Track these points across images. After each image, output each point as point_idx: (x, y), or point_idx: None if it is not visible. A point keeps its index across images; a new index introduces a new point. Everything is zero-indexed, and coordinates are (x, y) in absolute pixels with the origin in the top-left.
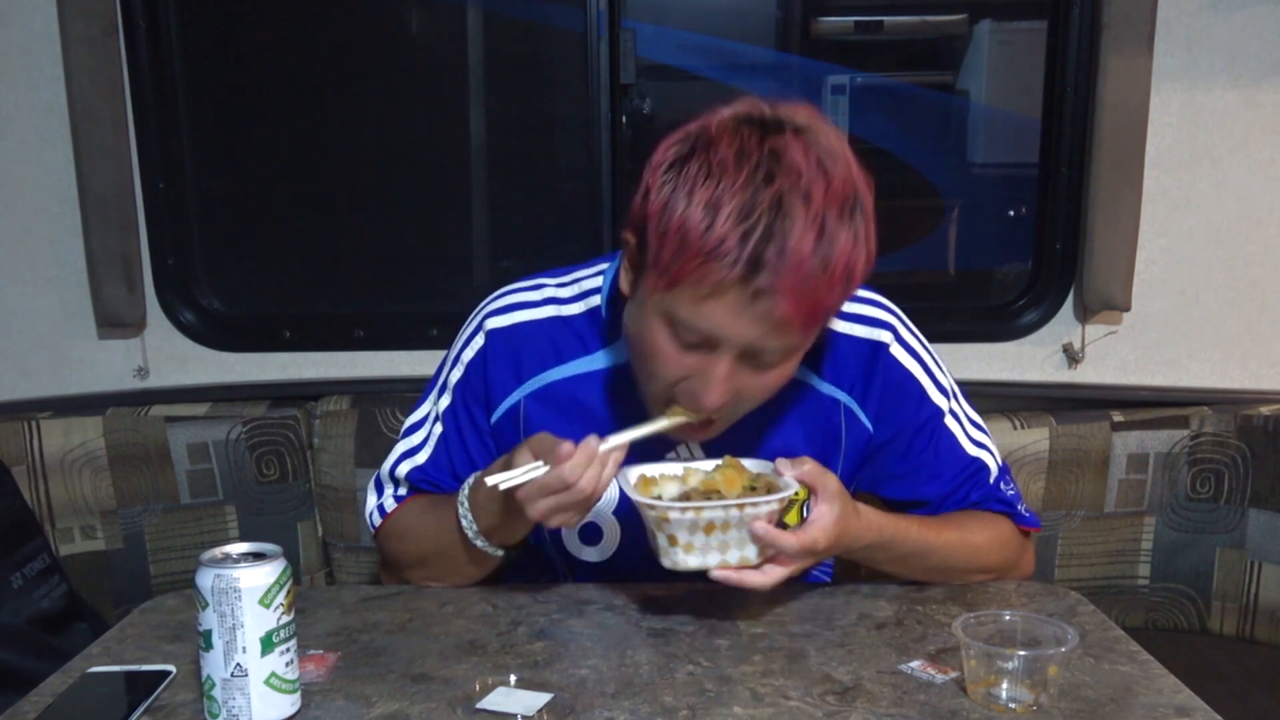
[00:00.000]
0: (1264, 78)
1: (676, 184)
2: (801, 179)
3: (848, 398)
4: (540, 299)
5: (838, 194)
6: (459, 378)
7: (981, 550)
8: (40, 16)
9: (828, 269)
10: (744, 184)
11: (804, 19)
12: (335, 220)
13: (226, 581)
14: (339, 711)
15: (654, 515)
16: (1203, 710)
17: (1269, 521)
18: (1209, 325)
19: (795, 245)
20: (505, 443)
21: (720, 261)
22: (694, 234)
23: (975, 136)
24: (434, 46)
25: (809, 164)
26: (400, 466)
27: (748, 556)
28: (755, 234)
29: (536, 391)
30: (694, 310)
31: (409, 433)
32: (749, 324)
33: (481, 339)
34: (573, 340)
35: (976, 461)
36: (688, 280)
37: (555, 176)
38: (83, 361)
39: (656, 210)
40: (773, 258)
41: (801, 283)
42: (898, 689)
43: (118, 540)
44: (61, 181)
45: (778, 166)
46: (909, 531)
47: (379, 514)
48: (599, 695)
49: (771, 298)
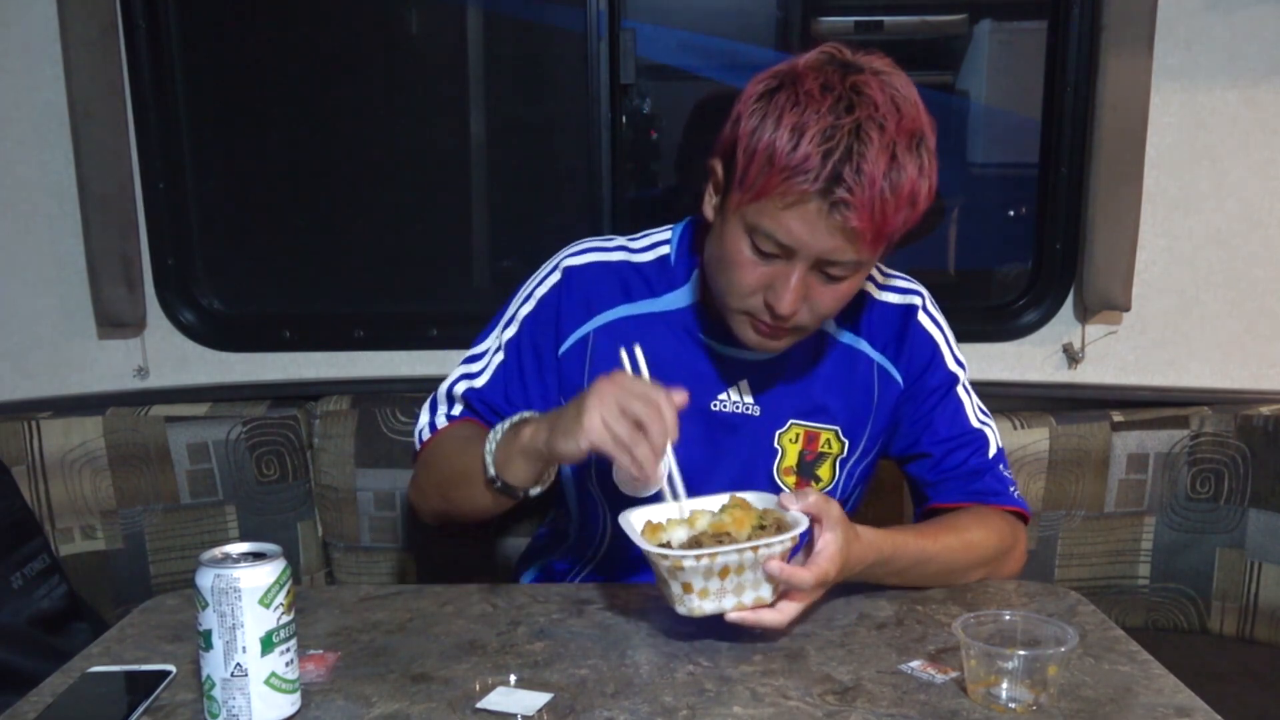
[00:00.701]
0: (1264, 78)
1: (766, 112)
2: (878, 111)
3: (881, 357)
4: (614, 246)
5: (907, 128)
6: (529, 311)
7: (978, 546)
8: (40, 16)
9: (896, 191)
10: (827, 111)
11: (804, 19)
12: (335, 220)
13: (226, 581)
14: (339, 711)
15: (667, 564)
16: (1203, 710)
17: (1269, 521)
18: (1209, 325)
19: (870, 166)
20: (570, 371)
21: (804, 176)
22: (781, 153)
23: (975, 136)
24: (434, 46)
25: (885, 99)
26: (458, 386)
27: (763, 596)
28: (835, 154)
29: (605, 325)
30: (775, 220)
31: (470, 361)
32: (824, 234)
33: (558, 275)
34: (641, 283)
35: (980, 433)
36: (774, 192)
37: (555, 176)
38: (83, 361)
39: (747, 133)
40: (849, 175)
41: (873, 199)
42: (898, 689)
43: (118, 540)
44: (61, 181)
45: (858, 99)
46: (907, 545)
47: (429, 429)
48: (599, 695)
49: (846, 210)
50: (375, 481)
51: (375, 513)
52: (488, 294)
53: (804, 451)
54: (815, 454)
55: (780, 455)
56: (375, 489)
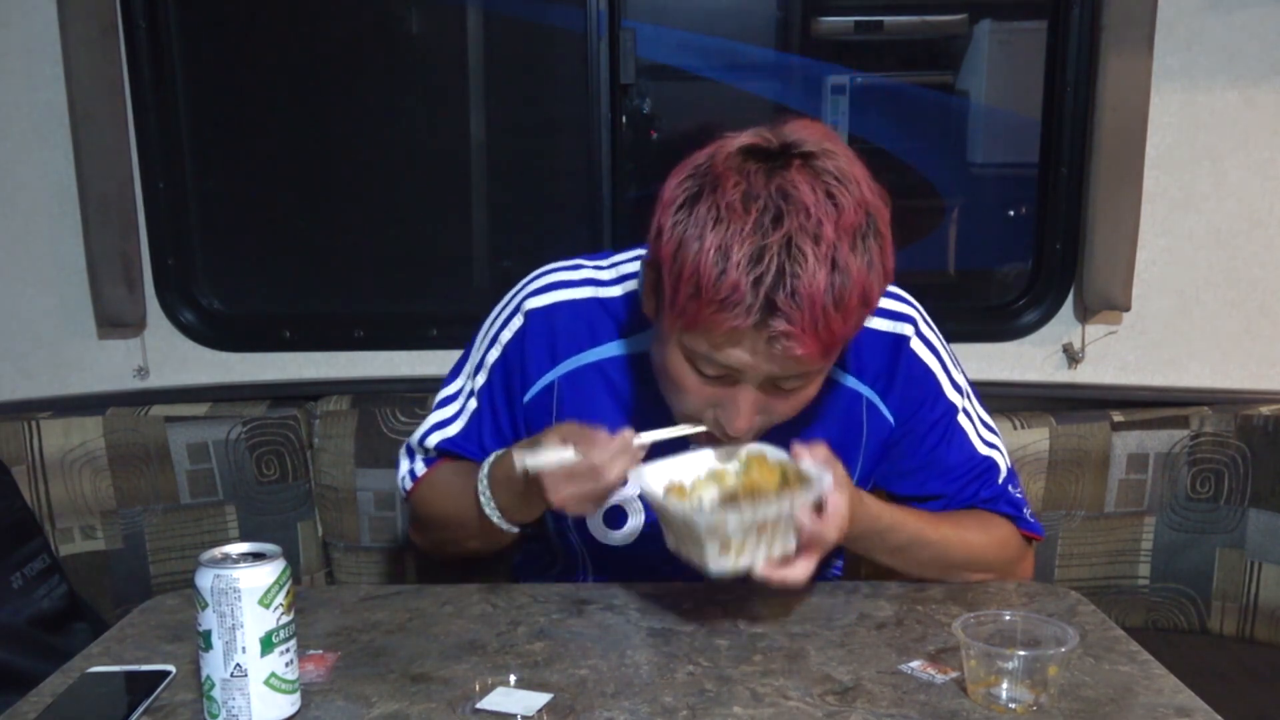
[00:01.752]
0: (1264, 78)
1: (687, 226)
2: (810, 217)
3: (870, 391)
4: (579, 279)
5: (849, 225)
6: (496, 357)
7: (978, 549)
8: (40, 16)
9: (841, 304)
10: (752, 229)
11: (804, 19)
12: (335, 220)
13: (226, 582)
14: (339, 711)
15: (708, 523)
16: (1203, 710)
17: (1269, 521)
18: (1209, 325)
19: (807, 286)
20: (537, 420)
21: (734, 310)
22: (707, 282)
23: (975, 136)
24: (434, 46)
25: (817, 198)
26: (430, 437)
27: (789, 548)
28: (767, 280)
29: (571, 372)
30: (714, 349)
31: (441, 405)
32: (767, 361)
33: (520, 320)
34: (609, 323)
35: (987, 460)
36: (702, 326)
37: (555, 176)
38: (83, 361)
39: (670, 254)
40: (784, 302)
41: (815, 321)
42: (898, 689)
43: (118, 540)
44: (61, 181)
45: (786, 206)
46: (906, 523)
47: (410, 479)
48: (599, 695)
49: (787, 341)
50: (375, 481)
51: (375, 513)
52: (487, 294)
53: None
54: None
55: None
56: (375, 489)
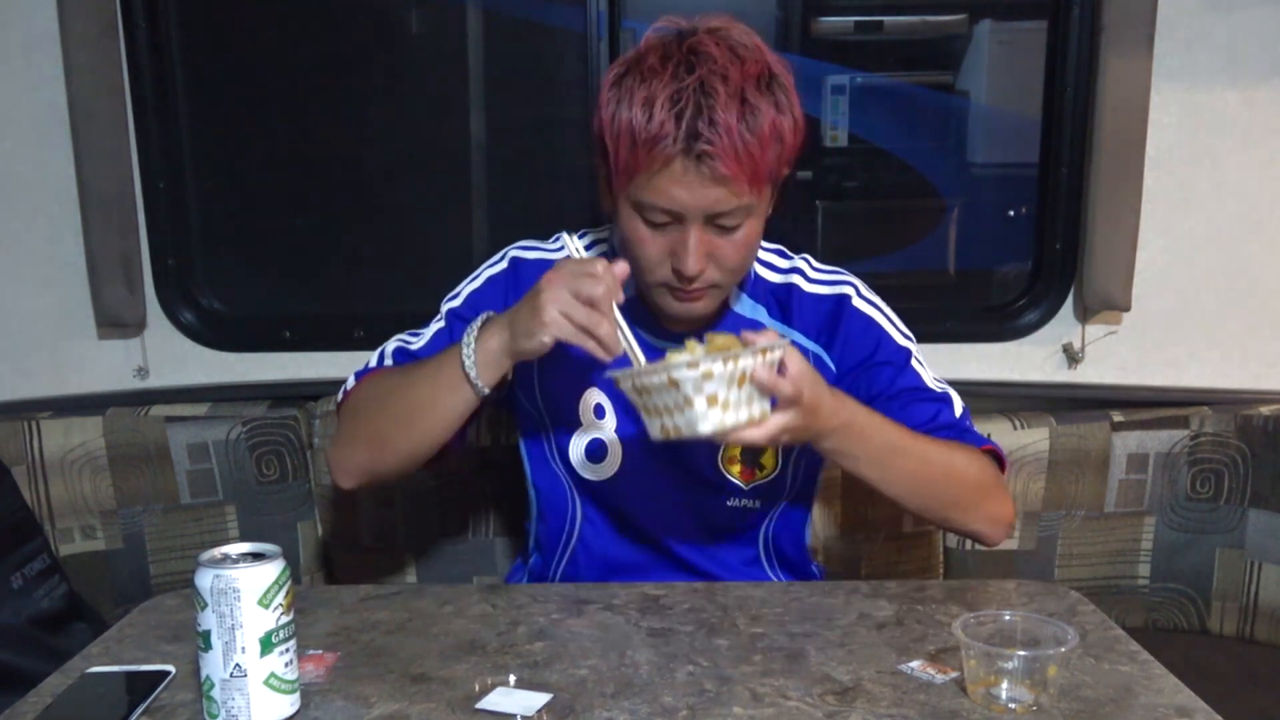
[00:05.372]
0: (1264, 78)
1: (619, 97)
2: (717, 64)
3: (815, 345)
4: (557, 247)
5: (753, 73)
6: (475, 287)
7: (960, 464)
8: (40, 16)
9: (756, 131)
10: (670, 79)
11: (804, 19)
12: (335, 220)
13: (225, 582)
14: (338, 711)
15: (694, 376)
16: (1203, 710)
17: (1269, 521)
18: (1209, 325)
19: (722, 115)
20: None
21: (664, 141)
22: (639, 128)
23: (975, 136)
24: (434, 46)
25: (723, 52)
26: (390, 346)
27: (766, 409)
28: (687, 113)
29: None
30: (654, 190)
31: (411, 335)
32: (700, 189)
33: (506, 263)
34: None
35: (944, 394)
36: (643, 166)
37: (555, 176)
38: (82, 361)
39: (608, 121)
40: (704, 128)
41: (734, 144)
42: (898, 689)
43: (118, 540)
44: (61, 181)
45: (696, 59)
46: (885, 426)
47: (355, 379)
48: (599, 695)
49: (712, 161)
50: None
51: (375, 513)
52: None
53: None
54: None
55: (724, 445)
56: (375, 489)
